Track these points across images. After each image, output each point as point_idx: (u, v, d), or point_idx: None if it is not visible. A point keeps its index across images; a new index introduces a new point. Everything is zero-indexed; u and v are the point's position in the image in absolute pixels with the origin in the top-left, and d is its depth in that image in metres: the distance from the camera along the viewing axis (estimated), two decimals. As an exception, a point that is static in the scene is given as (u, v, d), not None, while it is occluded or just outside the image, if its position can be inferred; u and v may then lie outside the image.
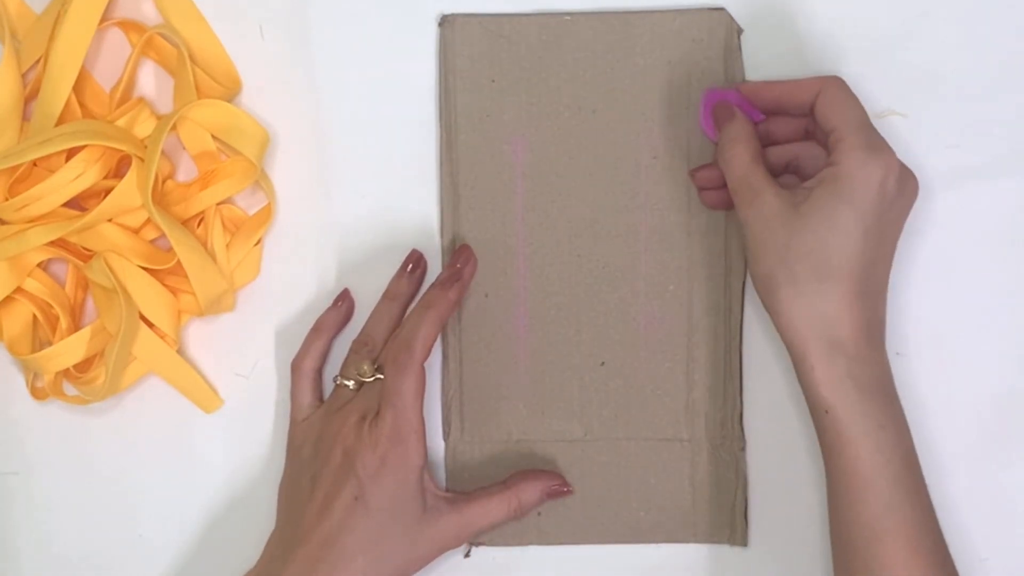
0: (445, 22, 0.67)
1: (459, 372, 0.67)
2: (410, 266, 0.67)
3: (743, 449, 0.67)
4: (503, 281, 0.67)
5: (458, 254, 0.67)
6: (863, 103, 0.67)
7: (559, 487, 0.66)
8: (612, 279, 0.67)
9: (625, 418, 0.67)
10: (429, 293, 0.65)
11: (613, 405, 0.67)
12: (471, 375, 0.67)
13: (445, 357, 0.68)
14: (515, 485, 0.65)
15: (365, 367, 0.65)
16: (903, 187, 0.61)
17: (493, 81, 0.67)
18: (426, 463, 0.64)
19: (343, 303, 0.68)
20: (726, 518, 0.67)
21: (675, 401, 0.67)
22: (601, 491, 0.67)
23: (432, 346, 0.64)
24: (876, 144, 0.61)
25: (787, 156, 0.65)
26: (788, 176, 0.66)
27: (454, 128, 0.67)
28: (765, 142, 0.65)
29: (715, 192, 0.66)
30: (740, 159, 0.63)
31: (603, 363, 0.67)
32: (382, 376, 0.64)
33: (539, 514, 0.67)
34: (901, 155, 0.67)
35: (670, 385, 0.67)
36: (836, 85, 0.62)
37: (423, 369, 0.63)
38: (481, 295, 0.67)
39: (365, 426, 0.63)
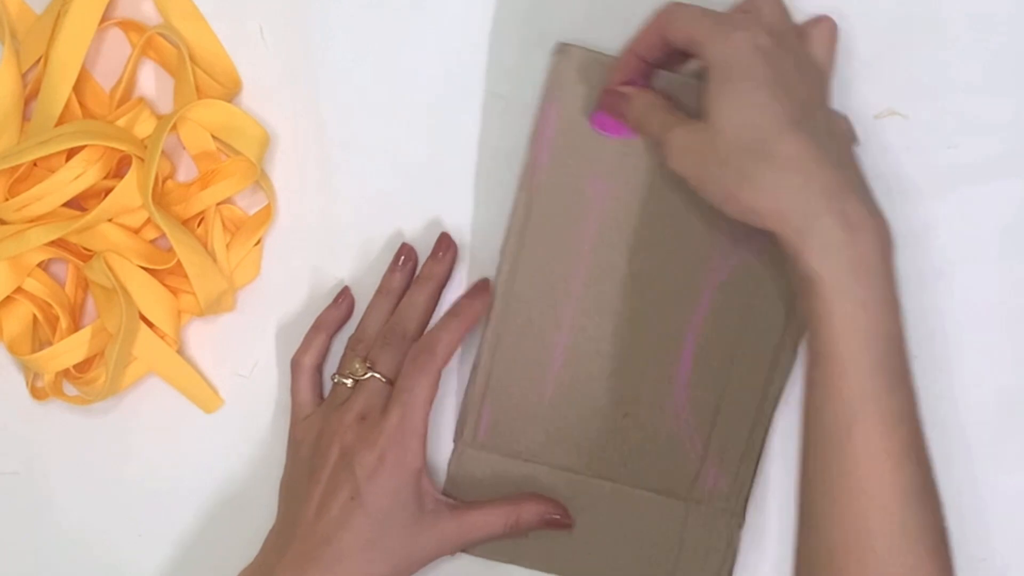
0: (561, 50, 0.65)
1: (486, 383, 0.66)
2: (401, 259, 0.67)
3: (740, 527, 0.67)
4: (550, 313, 0.66)
5: (440, 243, 0.67)
6: (863, 103, 0.67)
7: (561, 518, 0.66)
8: (658, 342, 0.66)
9: (634, 466, 0.66)
10: (458, 302, 0.66)
11: (626, 453, 0.66)
12: (497, 389, 0.66)
13: (475, 366, 0.67)
14: (518, 502, 0.65)
15: (357, 365, 0.65)
16: (782, 34, 0.59)
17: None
18: (425, 467, 0.63)
19: (343, 301, 0.68)
20: None
21: (687, 463, 0.66)
22: (592, 528, 0.66)
23: (453, 353, 0.64)
24: (725, 19, 0.58)
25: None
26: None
27: (541, 156, 0.65)
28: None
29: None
30: (644, 109, 0.61)
31: (626, 415, 0.66)
32: (376, 374, 0.64)
33: (527, 536, 0.66)
34: (901, 155, 0.67)
35: (687, 448, 0.66)
36: (668, 10, 0.60)
37: (439, 375, 0.64)
38: (525, 319, 0.66)
39: (365, 424, 0.63)
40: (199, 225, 0.67)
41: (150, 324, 0.66)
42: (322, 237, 0.69)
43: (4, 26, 0.67)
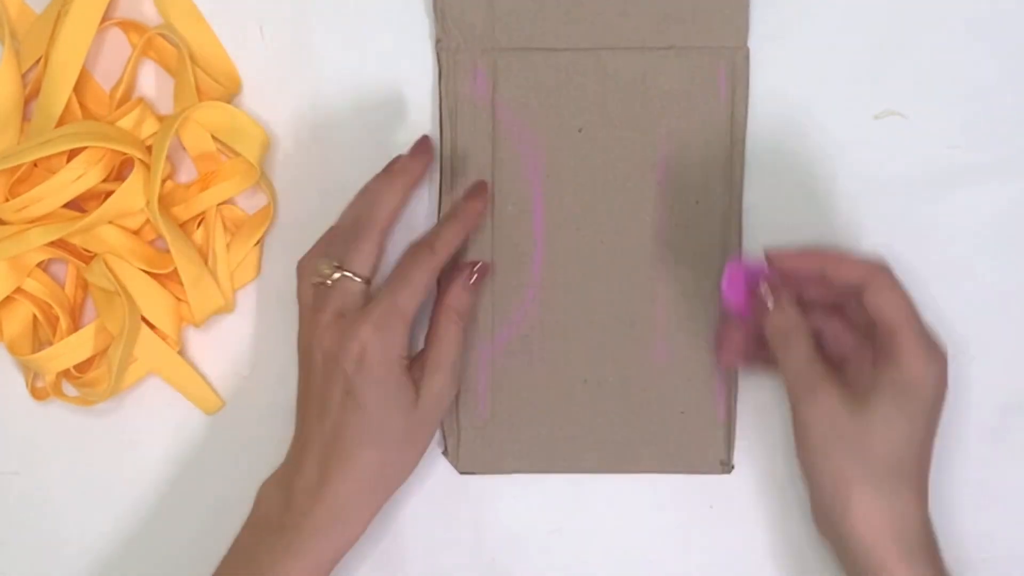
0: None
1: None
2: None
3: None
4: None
5: (419, 144, 0.66)
6: (862, 103, 0.67)
7: (479, 271, 0.65)
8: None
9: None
10: (457, 203, 0.65)
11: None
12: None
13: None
14: (442, 302, 0.64)
15: (324, 267, 0.63)
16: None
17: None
18: (410, 356, 0.63)
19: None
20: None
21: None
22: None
23: (452, 252, 0.64)
24: (932, 342, 0.60)
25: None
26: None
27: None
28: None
29: (736, 353, 0.65)
30: (797, 355, 0.60)
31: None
32: (347, 273, 0.63)
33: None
34: (901, 155, 0.67)
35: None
36: (887, 277, 0.60)
37: (436, 273, 0.63)
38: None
39: (344, 321, 0.62)
40: (199, 226, 0.67)
41: (151, 325, 0.66)
42: (322, 237, 0.69)
43: (4, 26, 0.67)
